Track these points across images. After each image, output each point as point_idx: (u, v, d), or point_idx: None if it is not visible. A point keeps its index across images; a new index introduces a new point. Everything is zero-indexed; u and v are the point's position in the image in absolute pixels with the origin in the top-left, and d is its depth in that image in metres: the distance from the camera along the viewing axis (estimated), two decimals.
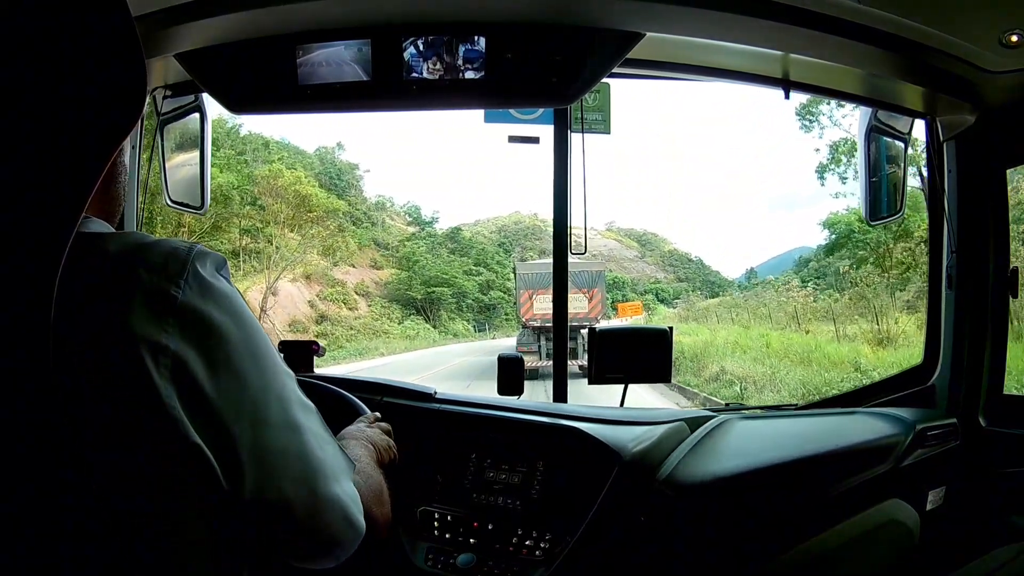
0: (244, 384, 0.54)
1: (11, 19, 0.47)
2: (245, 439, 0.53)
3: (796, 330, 15.12)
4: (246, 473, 0.53)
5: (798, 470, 1.24)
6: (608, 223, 54.27)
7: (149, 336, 0.49)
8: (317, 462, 0.57)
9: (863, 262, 16.66)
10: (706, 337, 15.72)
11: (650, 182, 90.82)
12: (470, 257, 39.89)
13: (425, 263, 35.43)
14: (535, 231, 48.39)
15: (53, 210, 0.47)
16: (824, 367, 10.99)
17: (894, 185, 1.62)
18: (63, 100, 0.48)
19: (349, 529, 0.59)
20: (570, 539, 1.16)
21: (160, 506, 0.51)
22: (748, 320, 18.71)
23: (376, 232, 37.03)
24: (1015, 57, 1.21)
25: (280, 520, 0.55)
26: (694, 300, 36.32)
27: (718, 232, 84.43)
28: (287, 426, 0.56)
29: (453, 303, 34.24)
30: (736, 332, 16.03)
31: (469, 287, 35.86)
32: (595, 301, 15.11)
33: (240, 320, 0.55)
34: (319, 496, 0.56)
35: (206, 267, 0.54)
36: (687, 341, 14.92)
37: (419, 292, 32.66)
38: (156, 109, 1.52)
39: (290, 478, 0.55)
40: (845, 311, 14.77)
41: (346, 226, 31.92)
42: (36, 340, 0.45)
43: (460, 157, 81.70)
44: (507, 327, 35.48)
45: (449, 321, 33.21)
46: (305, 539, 0.57)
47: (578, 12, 1.22)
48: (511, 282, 35.36)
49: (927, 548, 1.40)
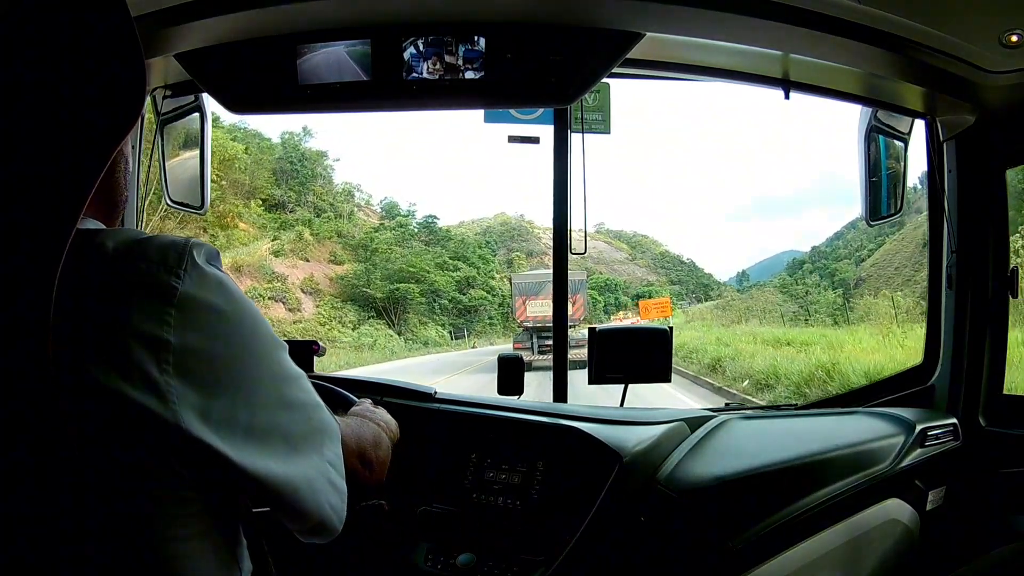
0: (243, 369, 0.55)
1: (11, 19, 0.47)
2: (241, 420, 0.53)
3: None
4: (242, 454, 0.53)
5: (798, 470, 1.24)
6: (597, 225, 53.68)
7: (150, 332, 0.49)
8: (301, 435, 0.59)
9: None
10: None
11: (641, 183, 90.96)
12: (447, 249, 33.97)
13: (387, 252, 28.97)
14: (522, 232, 46.68)
15: (53, 210, 0.47)
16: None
17: (894, 185, 1.62)
18: (63, 100, 0.48)
19: (333, 491, 0.62)
20: (570, 539, 1.16)
21: (160, 504, 0.51)
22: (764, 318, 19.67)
23: (341, 224, 31.19)
24: (1015, 57, 1.22)
25: (275, 495, 0.57)
26: (727, 300, 34.68)
27: (709, 234, 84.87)
28: (281, 403, 0.58)
29: (423, 304, 28.09)
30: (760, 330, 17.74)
31: (443, 283, 29.59)
32: (578, 305, 18.60)
33: (237, 303, 0.55)
34: (308, 468, 0.59)
35: (202, 257, 0.54)
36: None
37: (380, 289, 26.36)
38: (156, 109, 1.52)
39: (279, 455, 0.56)
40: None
41: (304, 215, 28.27)
42: (35, 339, 0.45)
43: (448, 156, 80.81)
44: (491, 333, 30.55)
45: (420, 327, 27.24)
46: (300, 517, 0.60)
47: (578, 12, 1.22)
48: (496, 280, 33.45)
49: (927, 548, 1.40)
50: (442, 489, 1.31)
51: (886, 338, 13.04)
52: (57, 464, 0.48)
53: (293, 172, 29.95)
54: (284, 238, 26.15)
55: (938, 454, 1.40)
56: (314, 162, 31.96)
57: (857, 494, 1.27)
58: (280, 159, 29.85)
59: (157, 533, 0.51)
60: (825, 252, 43.85)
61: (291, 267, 25.58)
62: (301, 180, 29.82)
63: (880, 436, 1.36)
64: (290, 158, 30.35)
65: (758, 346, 14.09)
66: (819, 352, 12.02)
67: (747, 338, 15.87)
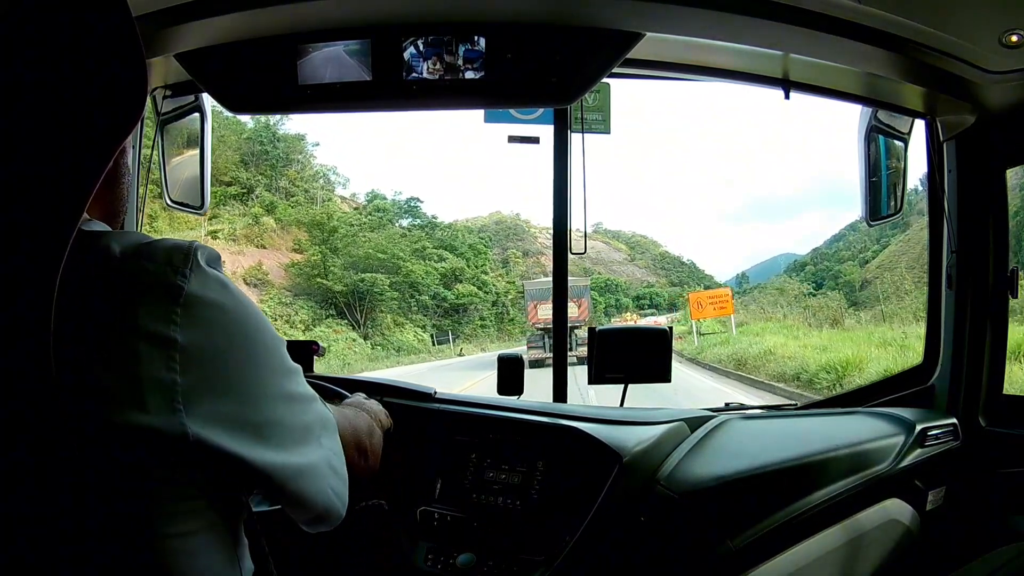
0: (247, 367, 0.55)
1: (11, 19, 0.47)
2: (248, 416, 0.54)
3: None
4: (247, 450, 0.54)
5: (798, 470, 1.24)
6: (595, 224, 53.33)
7: (157, 331, 0.49)
8: (304, 425, 0.61)
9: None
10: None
11: (639, 184, 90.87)
12: (429, 236, 27.30)
13: (352, 235, 22.65)
14: (517, 231, 45.66)
15: (54, 210, 0.47)
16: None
17: (894, 185, 1.62)
18: (63, 100, 0.48)
19: (335, 476, 0.64)
20: (570, 539, 1.16)
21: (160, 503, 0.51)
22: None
23: (313, 210, 25.64)
24: (1015, 57, 1.22)
25: (280, 486, 0.57)
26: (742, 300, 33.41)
27: (706, 235, 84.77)
28: (283, 397, 0.59)
29: (396, 300, 22.46)
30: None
31: (421, 274, 23.80)
32: (583, 308, 19.78)
33: (239, 302, 0.56)
34: (312, 456, 0.61)
35: (206, 260, 0.54)
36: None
37: (340, 280, 21.03)
38: (156, 109, 1.52)
39: (285, 448, 0.57)
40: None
41: (268, 198, 23.48)
42: (36, 339, 0.45)
43: (444, 155, 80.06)
44: (482, 337, 25.51)
45: (394, 328, 21.99)
46: (306, 505, 0.61)
47: (578, 12, 1.22)
48: (489, 276, 31.12)
49: (927, 548, 1.40)
50: (442, 489, 1.31)
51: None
52: (57, 464, 0.48)
53: (263, 154, 25.28)
54: (239, 223, 22.36)
55: (938, 454, 1.40)
56: (290, 145, 27.38)
57: (857, 494, 1.27)
58: (250, 140, 25.78)
59: (157, 533, 0.51)
60: (827, 254, 43.87)
61: (235, 254, 21.37)
62: (271, 163, 25.56)
63: (880, 436, 1.36)
64: (261, 139, 26.13)
65: (863, 348, 10.81)
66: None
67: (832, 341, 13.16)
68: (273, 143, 26.62)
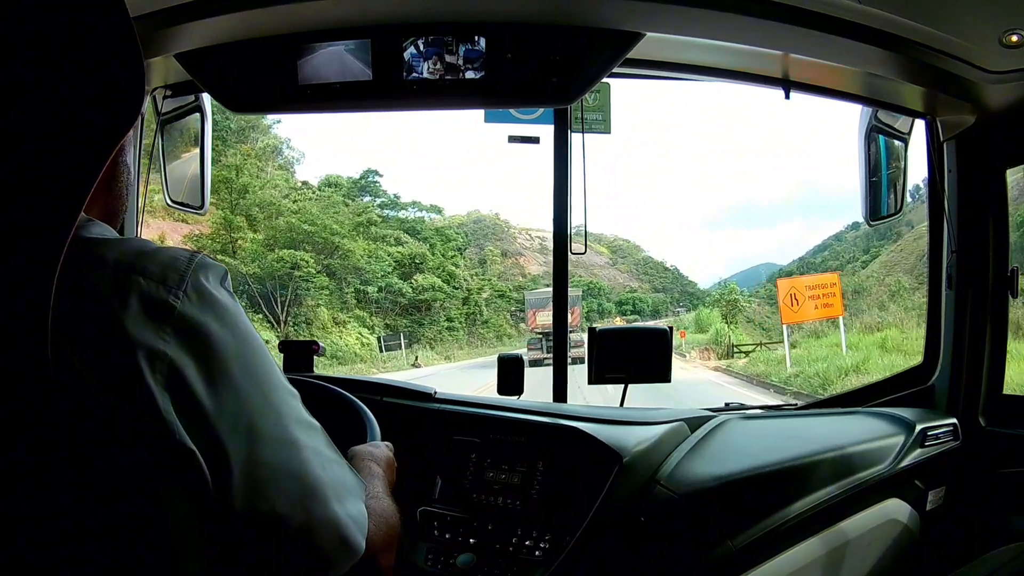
0: (240, 397, 0.53)
1: (10, 19, 0.47)
2: (238, 452, 0.52)
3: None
4: (237, 486, 0.52)
5: (798, 470, 1.24)
6: (576, 227, 53.57)
7: (146, 341, 0.49)
8: (314, 480, 0.56)
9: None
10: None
11: (622, 188, 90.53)
12: (385, 220, 21.33)
13: (270, 202, 16.70)
14: (496, 230, 44.29)
15: (51, 210, 0.47)
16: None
17: (894, 185, 1.62)
18: (61, 100, 0.48)
19: (344, 552, 0.58)
20: (570, 539, 1.16)
21: (156, 509, 0.51)
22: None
23: (251, 182, 19.32)
24: (1015, 57, 1.22)
25: (272, 536, 0.54)
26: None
27: (687, 241, 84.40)
28: (283, 442, 0.55)
29: (329, 289, 17.09)
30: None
31: (361, 256, 18.02)
32: (575, 315, 22.05)
33: (239, 333, 0.54)
34: (314, 516, 0.55)
35: (208, 278, 0.53)
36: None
37: (250, 262, 15.71)
38: (156, 109, 1.52)
39: (284, 495, 0.54)
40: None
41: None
42: (35, 339, 0.45)
43: (423, 151, 78.07)
44: (448, 342, 21.08)
45: (334, 328, 17.19)
46: (299, 556, 0.56)
47: (578, 12, 1.22)
48: (461, 269, 28.13)
49: (927, 548, 1.40)
50: (442, 489, 1.31)
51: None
52: (57, 464, 0.48)
53: (214, 124, 23.24)
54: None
55: (938, 454, 1.40)
56: (248, 122, 22.06)
57: (857, 494, 1.27)
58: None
59: (157, 533, 0.51)
60: (813, 263, 43.76)
61: (141, 225, 15.72)
62: (221, 136, 20.55)
63: (880, 436, 1.36)
64: (216, 107, 22.24)
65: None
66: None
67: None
68: (223, 113, 22.71)
